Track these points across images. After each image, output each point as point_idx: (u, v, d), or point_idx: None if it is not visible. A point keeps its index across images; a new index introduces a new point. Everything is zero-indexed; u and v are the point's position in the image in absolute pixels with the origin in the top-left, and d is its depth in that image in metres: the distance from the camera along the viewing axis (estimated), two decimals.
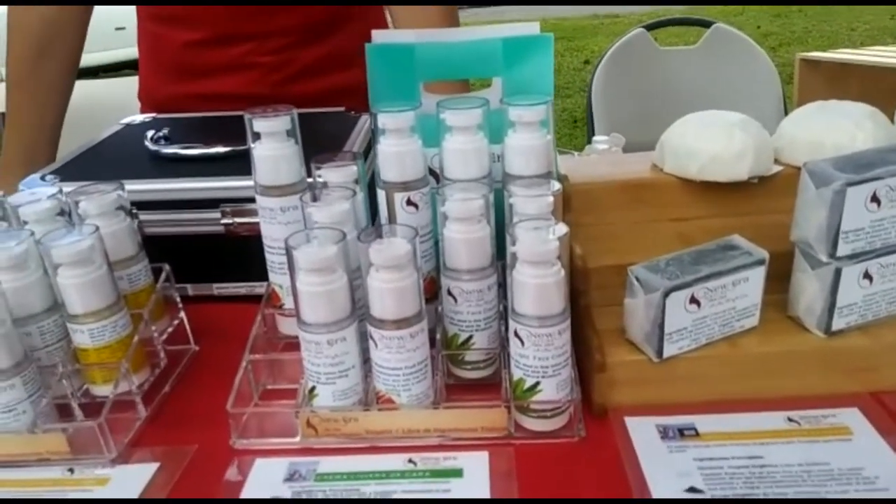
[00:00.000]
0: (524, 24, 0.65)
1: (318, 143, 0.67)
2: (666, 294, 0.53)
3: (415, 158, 0.60)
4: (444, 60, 0.64)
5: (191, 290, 0.75)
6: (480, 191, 0.56)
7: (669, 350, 0.56)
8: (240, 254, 0.72)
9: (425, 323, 0.54)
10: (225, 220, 0.72)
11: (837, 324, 0.56)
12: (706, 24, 2.08)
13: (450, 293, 0.58)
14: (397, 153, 0.59)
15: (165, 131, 0.83)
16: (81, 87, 1.10)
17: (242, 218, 0.71)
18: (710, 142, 0.66)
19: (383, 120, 0.59)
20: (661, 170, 0.69)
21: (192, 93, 1.03)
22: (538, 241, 0.51)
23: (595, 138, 0.88)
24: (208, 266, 0.75)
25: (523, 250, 0.51)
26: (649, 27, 2.09)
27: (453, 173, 0.60)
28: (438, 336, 0.60)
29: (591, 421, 0.56)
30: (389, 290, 0.52)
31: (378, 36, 0.68)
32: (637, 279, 0.55)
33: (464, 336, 0.59)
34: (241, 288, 0.75)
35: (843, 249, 0.54)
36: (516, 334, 0.53)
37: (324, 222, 0.56)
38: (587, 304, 0.63)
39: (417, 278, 0.53)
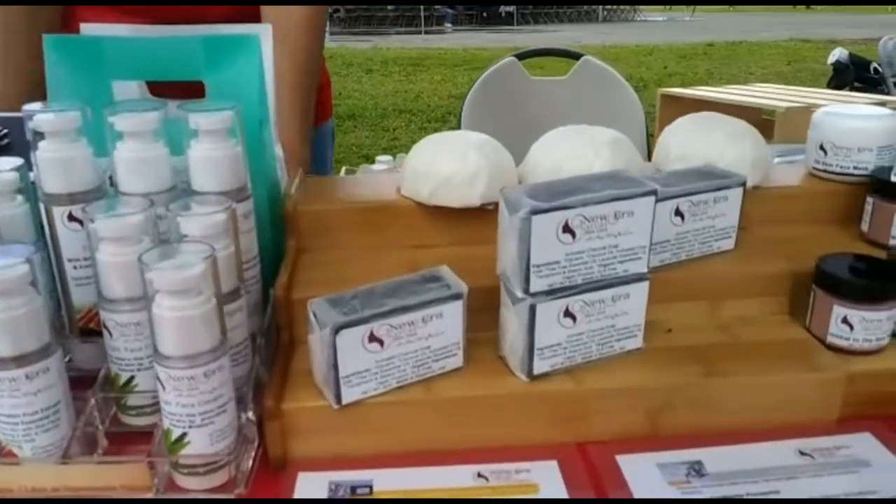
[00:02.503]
0: (244, 26, 0.59)
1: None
2: (336, 331, 0.47)
3: (82, 166, 0.52)
4: (137, 59, 0.57)
5: None
6: (139, 206, 0.49)
7: (350, 395, 0.49)
8: None
9: (54, 360, 0.46)
10: None
11: (540, 367, 0.51)
12: (576, 57, 2.09)
13: (105, 326, 0.50)
14: (57, 160, 0.51)
15: None
16: None
17: None
18: (443, 164, 0.60)
19: (39, 122, 0.50)
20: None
21: None
22: (176, 267, 0.44)
23: (378, 157, 0.83)
24: None
25: (159, 278, 0.44)
26: (521, 56, 2.08)
27: (127, 186, 0.52)
28: (101, 375, 0.52)
29: (266, 476, 0.49)
30: None
31: (87, 28, 0.60)
32: (314, 313, 0.49)
33: (125, 376, 0.51)
34: None
35: (536, 284, 0.48)
36: (158, 377, 0.45)
37: None
38: (290, 339, 0.56)
39: (40, 307, 0.45)
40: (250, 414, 0.50)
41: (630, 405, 0.51)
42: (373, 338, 0.48)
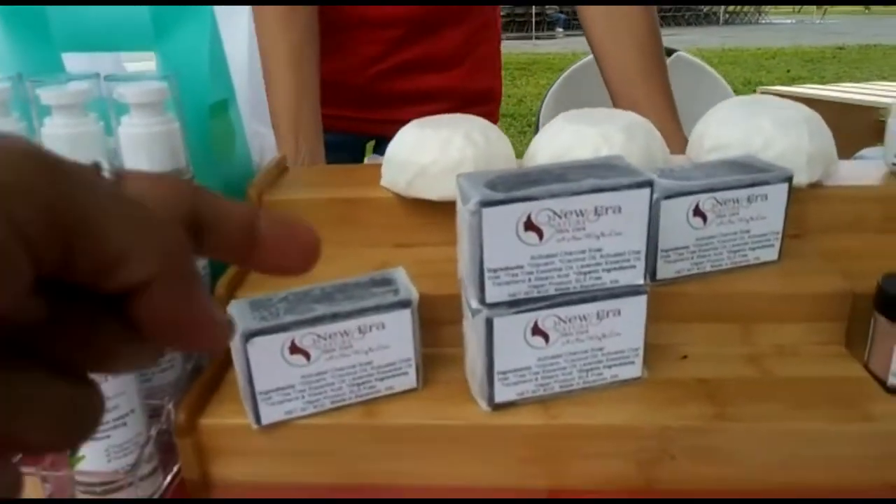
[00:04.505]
0: None
1: None
2: (247, 338, 0.40)
3: None
4: (84, 30, 0.52)
5: None
6: None
7: (271, 414, 0.41)
8: None
9: None
10: None
11: (503, 394, 0.41)
12: (668, 54, 1.93)
13: None
14: None
15: None
16: None
17: None
18: (422, 151, 0.52)
19: None
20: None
21: None
22: None
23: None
24: None
25: None
26: None
27: None
28: None
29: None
30: None
31: None
32: (231, 318, 0.42)
33: None
34: None
35: (494, 293, 0.39)
36: None
37: None
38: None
39: None
40: (166, 427, 0.44)
41: (616, 449, 0.41)
42: (295, 349, 0.41)
